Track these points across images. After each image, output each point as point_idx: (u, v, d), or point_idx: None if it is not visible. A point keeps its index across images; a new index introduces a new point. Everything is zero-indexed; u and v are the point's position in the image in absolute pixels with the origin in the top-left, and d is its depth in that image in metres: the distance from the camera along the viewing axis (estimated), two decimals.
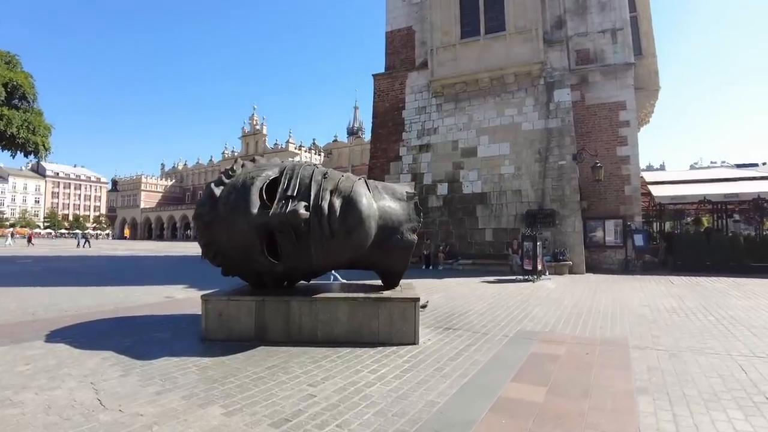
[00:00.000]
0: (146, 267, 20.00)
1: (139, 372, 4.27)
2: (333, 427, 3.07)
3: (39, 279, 13.18)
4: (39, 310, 7.69)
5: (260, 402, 3.53)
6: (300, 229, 5.11)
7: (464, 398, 3.67)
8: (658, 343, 5.61)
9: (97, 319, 6.92)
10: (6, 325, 6.44)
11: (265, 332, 5.63)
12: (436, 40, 19.23)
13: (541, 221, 16.84)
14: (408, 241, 5.84)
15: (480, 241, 18.24)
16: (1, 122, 7.67)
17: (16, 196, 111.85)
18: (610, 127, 17.67)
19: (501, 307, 8.54)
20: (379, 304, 5.61)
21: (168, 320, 6.96)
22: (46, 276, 14.31)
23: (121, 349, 5.08)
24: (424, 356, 4.94)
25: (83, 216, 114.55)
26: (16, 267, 17.67)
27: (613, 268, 17.04)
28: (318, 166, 5.96)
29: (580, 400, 3.63)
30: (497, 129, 18.45)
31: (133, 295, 9.92)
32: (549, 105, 17.43)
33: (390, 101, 21.31)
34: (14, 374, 4.16)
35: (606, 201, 17.53)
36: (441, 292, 10.66)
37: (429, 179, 19.72)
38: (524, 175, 17.63)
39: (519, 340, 5.81)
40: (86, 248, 39.35)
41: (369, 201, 5.49)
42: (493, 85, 18.52)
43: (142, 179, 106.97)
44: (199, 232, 5.80)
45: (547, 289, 11.53)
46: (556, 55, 17.71)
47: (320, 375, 4.24)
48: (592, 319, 7.31)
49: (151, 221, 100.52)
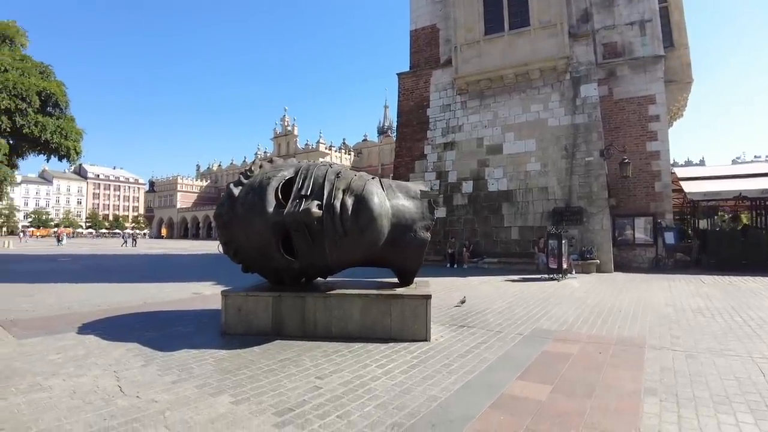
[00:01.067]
0: (178, 265, 20.66)
1: (159, 362, 4.51)
2: (333, 418, 3.19)
3: (76, 276, 13.85)
4: (74, 305, 8.12)
5: (268, 392, 3.69)
6: (314, 227, 5.26)
7: (466, 394, 3.72)
8: (677, 344, 5.50)
9: (126, 314, 7.28)
10: (43, 318, 6.86)
11: (282, 327, 5.81)
12: (460, 37, 19.13)
13: (568, 219, 16.55)
14: (421, 238, 5.90)
15: (506, 240, 18.06)
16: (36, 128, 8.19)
17: (60, 198, 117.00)
18: (639, 122, 17.20)
19: (520, 305, 8.50)
20: (391, 301, 5.70)
21: (192, 315, 7.25)
22: (83, 273, 15.01)
23: (145, 341, 5.36)
24: (434, 353, 5.01)
25: (122, 216, 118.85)
26: (57, 265, 18.56)
27: (643, 266, 16.60)
28: (332, 166, 6.10)
29: (583, 400, 3.63)
30: (523, 125, 18.21)
31: (162, 291, 10.33)
32: (575, 100, 17.10)
33: (415, 99, 21.33)
34: (46, 362, 4.47)
35: (635, 198, 17.08)
36: (462, 290, 10.65)
37: (454, 177, 19.64)
38: (551, 172, 17.35)
39: (532, 339, 5.80)
40: (131, 247, 40.92)
41: (381, 200, 5.58)
42: (518, 81, 18.29)
43: (178, 180, 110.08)
44: (219, 231, 6.05)
45: (572, 287, 11.36)
46: (582, 49, 17.35)
47: (329, 368, 4.37)
48: (612, 318, 7.20)
49: (187, 221, 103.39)
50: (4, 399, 3.48)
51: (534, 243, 16.51)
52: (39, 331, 5.91)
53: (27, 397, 3.52)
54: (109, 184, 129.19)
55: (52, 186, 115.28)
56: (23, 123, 7.86)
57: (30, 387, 3.75)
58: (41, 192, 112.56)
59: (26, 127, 7.93)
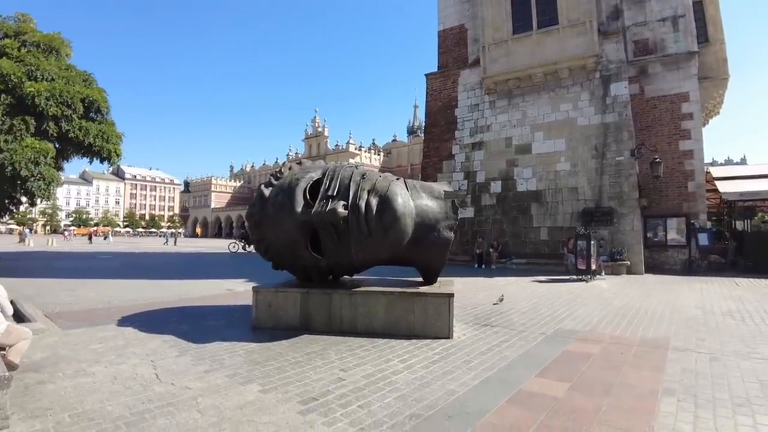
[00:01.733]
0: (212, 263, 21.30)
1: (193, 353, 4.79)
2: (355, 407, 3.37)
3: (115, 273, 14.50)
4: (113, 299, 8.58)
5: (294, 382, 3.90)
6: (339, 226, 5.46)
7: (484, 389, 3.84)
8: (702, 346, 5.45)
9: (162, 308, 7.66)
10: (85, 311, 7.31)
11: (310, 322, 6.05)
12: (488, 36, 19.05)
13: (598, 220, 16.29)
14: (445, 238, 6.02)
15: (535, 240, 17.90)
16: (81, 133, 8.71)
17: (99, 198, 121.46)
18: (671, 120, 16.78)
19: (546, 305, 8.50)
20: (415, 298, 5.85)
21: (224, 310, 7.57)
22: (121, 270, 15.68)
23: (180, 333, 5.67)
24: (456, 350, 5.13)
25: (158, 216, 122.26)
26: (97, 262, 19.43)
27: (676, 268, 16.20)
28: (358, 167, 6.29)
29: (599, 398, 3.69)
30: (552, 125, 18.01)
31: (196, 287, 10.74)
32: (605, 99, 16.80)
33: (442, 100, 21.35)
34: (89, 351, 4.83)
35: (667, 198, 16.67)
36: (488, 290, 10.69)
37: (482, 177, 19.57)
38: (580, 172, 17.10)
39: (555, 339, 5.84)
40: (172, 245, 42.32)
41: (405, 200, 5.73)
42: (546, 80, 18.10)
43: (212, 181, 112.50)
44: (250, 230, 6.35)
45: (600, 289, 11.25)
46: (612, 47, 17.02)
47: (353, 362, 4.56)
48: (638, 319, 7.14)
49: (221, 220, 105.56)
50: (52, 383, 3.81)
51: (563, 244, 16.33)
52: (82, 322, 6.33)
53: (73, 381, 3.84)
54: (145, 185, 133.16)
55: (92, 186, 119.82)
56: (69, 128, 8.42)
57: (75, 372, 4.08)
58: (82, 192, 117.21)
59: (71, 132, 8.50)
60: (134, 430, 2.94)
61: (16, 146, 7.91)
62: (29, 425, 2.99)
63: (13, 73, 8.40)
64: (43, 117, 8.35)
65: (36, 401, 3.40)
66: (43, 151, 8.25)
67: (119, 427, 2.98)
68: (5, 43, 9.15)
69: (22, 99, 8.35)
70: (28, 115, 8.15)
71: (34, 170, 8.01)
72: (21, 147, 7.97)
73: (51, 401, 3.40)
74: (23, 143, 8.04)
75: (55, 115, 8.43)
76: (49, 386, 3.72)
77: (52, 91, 8.65)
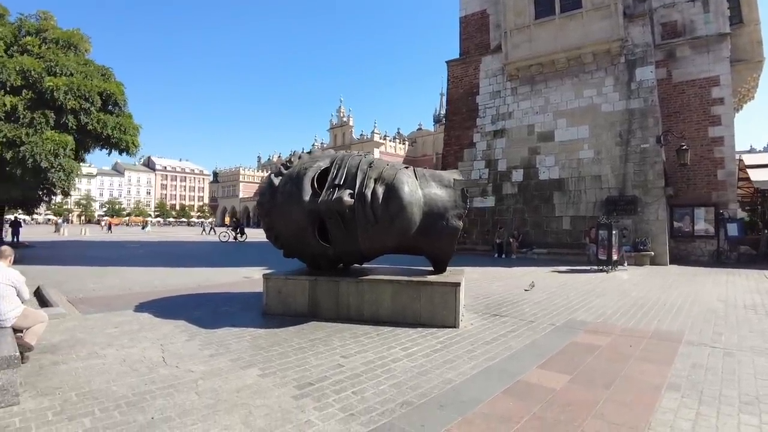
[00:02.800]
0: (234, 251, 21.67)
1: (202, 338, 4.94)
2: (348, 393, 3.43)
3: (141, 260, 14.95)
4: (135, 286, 8.88)
5: (294, 368, 3.99)
6: (346, 215, 5.50)
7: (482, 379, 3.83)
8: (717, 341, 5.29)
9: (180, 295, 7.89)
10: (106, 297, 7.61)
11: (318, 309, 6.14)
12: (510, 21, 18.66)
13: (621, 208, 15.90)
14: (453, 227, 5.99)
15: (557, 230, 17.60)
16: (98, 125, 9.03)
17: (131, 189, 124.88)
18: (700, 105, 16.15)
19: (561, 296, 8.39)
20: (421, 287, 5.85)
21: (239, 297, 7.75)
22: (147, 258, 16.13)
23: (193, 319, 5.85)
24: (460, 339, 5.12)
25: (188, 206, 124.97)
26: (125, 251, 20.06)
27: (703, 259, 15.70)
28: (365, 156, 6.29)
29: (599, 391, 3.63)
30: (575, 111, 17.59)
31: (216, 275, 11.00)
32: (630, 84, 16.27)
33: (464, 87, 21.08)
34: (104, 334, 5.04)
35: (695, 187, 16.11)
36: (504, 280, 10.60)
37: (504, 165, 19.31)
38: (604, 159, 16.68)
39: (564, 330, 5.77)
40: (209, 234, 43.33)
41: (412, 188, 5.72)
42: (570, 65, 17.65)
43: (240, 171, 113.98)
44: (261, 219, 6.46)
45: (619, 280, 11.02)
46: (638, 30, 16.42)
47: (355, 349, 4.62)
48: (654, 311, 6.98)
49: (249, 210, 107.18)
50: (65, 363, 4.00)
51: (585, 233, 16.02)
52: (102, 307, 6.60)
53: (85, 363, 4.03)
54: (175, 176, 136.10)
55: (124, 178, 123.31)
56: (87, 121, 8.75)
57: (88, 354, 4.28)
58: (114, 183, 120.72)
59: (90, 125, 8.82)
60: (133, 409, 3.07)
61: (37, 139, 8.25)
62: (38, 402, 3.16)
63: (33, 69, 8.74)
64: (62, 110, 8.68)
65: (47, 380, 3.58)
66: (63, 143, 8.57)
67: (120, 406, 3.11)
68: (27, 40, 9.51)
69: (42, 93, 8.69)
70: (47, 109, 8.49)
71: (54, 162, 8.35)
72: (41, 140, 8.31)
73: (61, 381, 3.58)
74: (43, 136, 8.38)
75: (73, 108, 8.75)
76: (62, 367, 3.91)
77: (71, 85, 8.97)
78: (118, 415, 2.97)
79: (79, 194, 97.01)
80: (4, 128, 8.24)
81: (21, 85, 8.58)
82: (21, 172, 8.33)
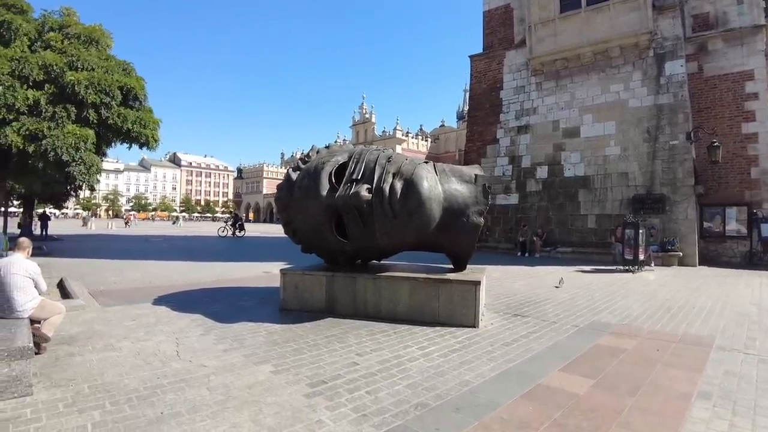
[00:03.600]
0: (256, 246, 21.85)
1: (217, 332, 4.91)
2: (362, 393, 3.33)
3: (163, 254, 15.18)
4: (155, 279, 8.98)
5: (307, 365, 3.91)
6: (364, 210, 5.40)
7: (501, 382, 3.69)
8: (751, 346, 5.03)
9: (199, 289, 7.93)
10: (126, 290, 7.69)
11: (335, 305, 6.07)
12: (534, 15, 18.25)
13: (648, 207, 15.41)
14: (474, 223, 5.83)
15: (582, 228, 17.18)
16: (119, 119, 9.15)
17: (157, 184, 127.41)
18: (733, 100, 15.49)
19: (585, 297, 8.14)
20: (440, 285, 5.72)
21: (257, 291, 7.75)
22: (169, 252, 16.39)
23: (210, 313, 5.84)
24: (479, 339, 4.98)
25: (213, 201, 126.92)
26: (148, 245, 20.42)
27: (734, 261, 15.10)
28: (384, 150, 6.17)
29: (624, 397, 3.45)
30: (601, 107, 17.10)
31: (236, 269, 11.06)
32: (659, 79, 15.71)
33: (487, 82, 20.75)
34: (121, 327, 5.07)
35: (727, 185, 15.50)
36: (526, 279, 10.37)
37: (528, 162, 18.94)
38: (631, 156, 16.18)
39: (587, 332, 5.57)
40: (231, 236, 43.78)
41: (431, 184, 5.59)
42: (596, 59, 17.16)
43: (263, 168, 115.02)
44: (279, 213, 6.42)
45: (646, 280, 10.67)
46: (668, 22, 15.82)
47: (371, 347, 4.52)
48: (682, 314, 6.70)
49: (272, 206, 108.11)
50: (81, 355, 4.02)
51: (611, 232, 15.58)
52: (121, 300, 6.67)
53: (100, 355, 4.03)
54: (200, 171, 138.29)
55: (150, 173, 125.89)
56: (108, 115, 8.89)
57: (104, 347, 4.29)
58: (141, 179, 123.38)
59: (110, 119, 8.96)
60: (143, 403, 3.04)
61: (58, 132, 8.41)
62: (51, 393, 3.16)
63: (55, 64, 8.91)
64: (84, 105, 8.82)
65: (62, 372, 3.59)
66: (83, 137, 8.71)
67: (131, 400, 3.09)
68: (50, 36, 9.71)
69: (64, 88, 8.86)
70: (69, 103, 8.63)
71: (75, 155, 8.48)
72: (63, 133, 8.47)
73: (75, 372, 3.58)
74: (65, 130, 8.53)
75: (94, 102, 8.89)
76: (77, 358, 3.92)
77: (92, 79, 9.12)
78: (127, 409, 2.94)
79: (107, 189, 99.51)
80: (27, 122, 8.41)
81: (43, 80, 8.76)
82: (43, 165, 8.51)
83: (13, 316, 3.89)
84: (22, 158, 8.57)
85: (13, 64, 8.37)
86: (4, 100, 8.18)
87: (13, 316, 3.88)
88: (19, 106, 8.26)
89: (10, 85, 8.32)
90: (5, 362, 3.01)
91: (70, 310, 5.11)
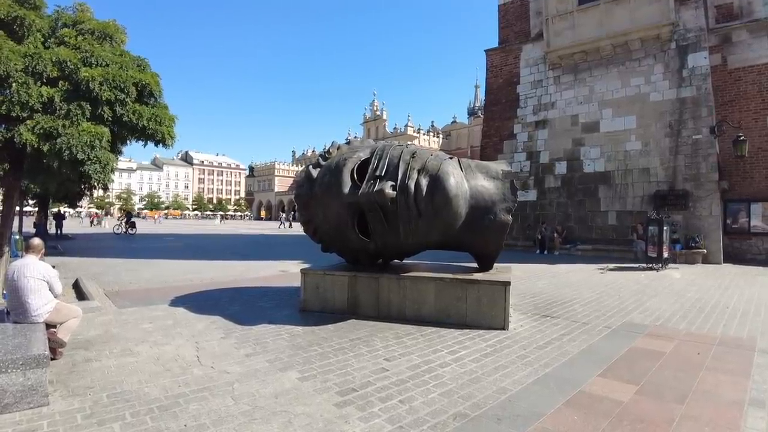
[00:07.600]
0: (270, 245, 21.79)
1: (238, 336, 4.75)
2: (395, 402, 3.13)
3: (177, 253, 15.13)
4: (170, 279, 8.86)
5: (335, 371, 3.73)
6: (387, 207, 5.18)
7: (540, 389, 3.48)
8: None
9: (216, 289, 7.79)
10: (141, 290, 7.57)
11: (357, 306, 5.88)
12: (551, 8, 17.85)
13: (671, 203, 15.00)
14: (501, 221, 5.60)
15: (602, 225, 16.81)
16: (134, 116, 9.03)
17: (169, 182, 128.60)
18: (759, 93, 14.95)
19: (612, 296, 7.88)
20: (467, 286, 5.50)
21: (275, 292, 7.59)
22: (183, 251, 16.34)
23: (229, 315, 5.68)
24: (510, 342, 4.77)
25: (225, 199, 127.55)
26: (163, 243, 20.44)
27: (760, 258, 14.64)
28: (408, 146, 5.96)
29: (672, 405, 3.24)
30: (622, 101, 16.70)
31: (252, 268, 10.94)
32: (682, 71, 15.26)
33: (503, 76, 20.41)
34: (138, 330, 4.91)
35: (753, 181, 15.02)
36: (548, 278, 10.11)
37: (546, 157, 18.58)
38: (653, 151, 15.77)
39: (621, 333, 5.33)
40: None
41: (458, 180, 5.38)
42: (616, 52, 16.75)
43: (275, 166, 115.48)
44: (299, 211, 6.25)
45: (672, 279, 10.36)
46: (691, 13, 15.34)
47: (399, 351, 4.33)
48: (716, 315, 6.42)
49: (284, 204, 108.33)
50: (98, 360, 3.87)
51: (632, 229, 15.23)
52: (137, 301, 6.54)
53: (118, 361, 3.88)
54: (212, 170, 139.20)
55: (163, 172, 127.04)
56: (122, 112, 8.73)
57: (122, 351, 4.14)
58: (153, 177, 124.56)
59: (125, 116, 8.82)
60: (166, 414, 2.87)
61: (73, 131, 8.27)
62: (68, 403, 3.01)
63: (69, 60, 8.74)
64: (98, 102, 8.67)
65: (80, 379, 3.44)
66: (98, 135, 8.56)
67: (152, 411, 2.92)
68: (64, 32, 9.57)
69: (78, 85, 8.70)
70: (83, 101, 8.49)
71: (90, 153, 8.35)
72: (77, 131, 8.32)
73: (93, 380, 3.43)
74: (79, 128, 8.39)
75: (108, 99, 8.74)
76: (95, 364, 3.77)
77: (106, 76, 8.96)
78: (149, 421, 2.77)
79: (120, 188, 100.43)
80: (42, 120, 8.27)
81: (57, 77, 8.61)
82: (58, 164, 8.40)
83: (28, 320, 3.77)
84: (36, 157, 8.50)
85: (27, 60, 8.23)
86: (18, 98, 8.03)
87: (29, 321, 3.75)
88: (33, 104, 8.13)
89: (23, 82, 8.15)
90: (21, 371, 2.87)
91: (86, 312, 4.98)
